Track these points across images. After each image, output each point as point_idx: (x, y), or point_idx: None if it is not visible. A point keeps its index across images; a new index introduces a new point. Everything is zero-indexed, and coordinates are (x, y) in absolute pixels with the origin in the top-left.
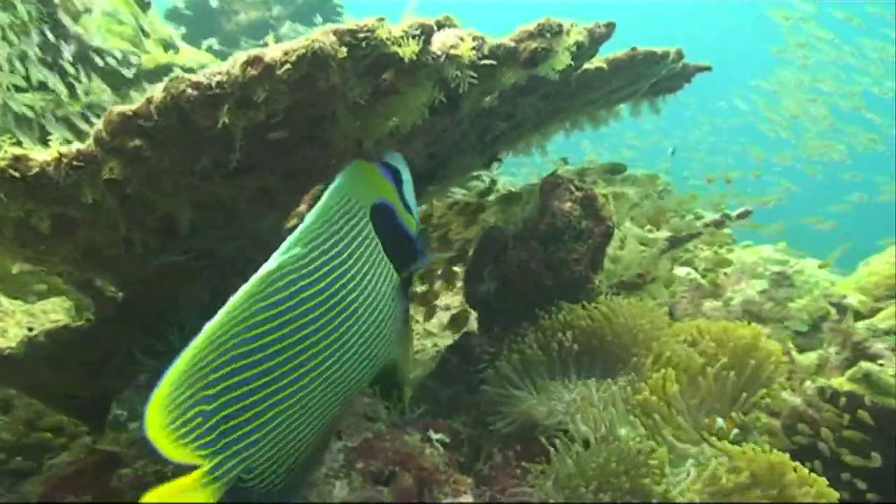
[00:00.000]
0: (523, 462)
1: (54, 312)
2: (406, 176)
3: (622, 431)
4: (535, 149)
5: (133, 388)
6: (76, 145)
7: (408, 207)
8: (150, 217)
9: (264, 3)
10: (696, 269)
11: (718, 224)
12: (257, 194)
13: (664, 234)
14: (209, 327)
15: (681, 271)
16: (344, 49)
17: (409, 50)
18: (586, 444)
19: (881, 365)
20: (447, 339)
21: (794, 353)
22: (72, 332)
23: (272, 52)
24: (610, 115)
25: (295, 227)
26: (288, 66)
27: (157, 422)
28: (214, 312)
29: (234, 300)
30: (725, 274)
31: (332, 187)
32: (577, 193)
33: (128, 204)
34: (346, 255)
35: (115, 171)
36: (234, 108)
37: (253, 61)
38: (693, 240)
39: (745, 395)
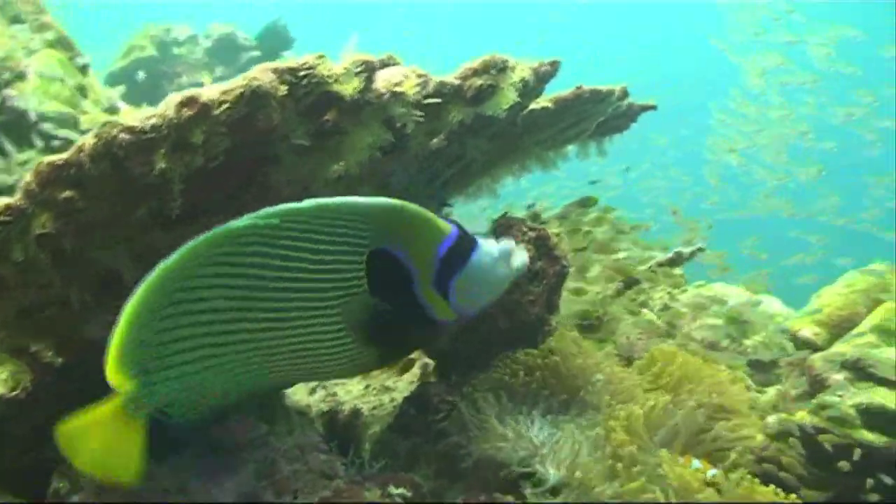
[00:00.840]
0: None
1: None
2: (471, 268)
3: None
4: (486, 193)
5: None
6: (3, 199)
7: (444, 290)
8: (86, 273)
9: (207, 65)
10: (650, 310)
11: (672, 262)
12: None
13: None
14: (173, 259)
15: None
16: (284, 87)
17: (350, 87)
18: (555, 491)
19: (840, 396)
20: (404, 392)
21: (753, 389)
22: (7, 405)
23: (209, 91)
24: (558, 157)
25: None
26: (226, 105)
27: (113, 345)
28: None
29: (196, 243)
30: (682, 313)
31: (372, 202)
32: (530, 234)
33: (62, 260)
34: (316, 256)
35: (46, 226)
36: (170, 152)
37: (188, 102)
38: (646, 280)
39: (711, 432)
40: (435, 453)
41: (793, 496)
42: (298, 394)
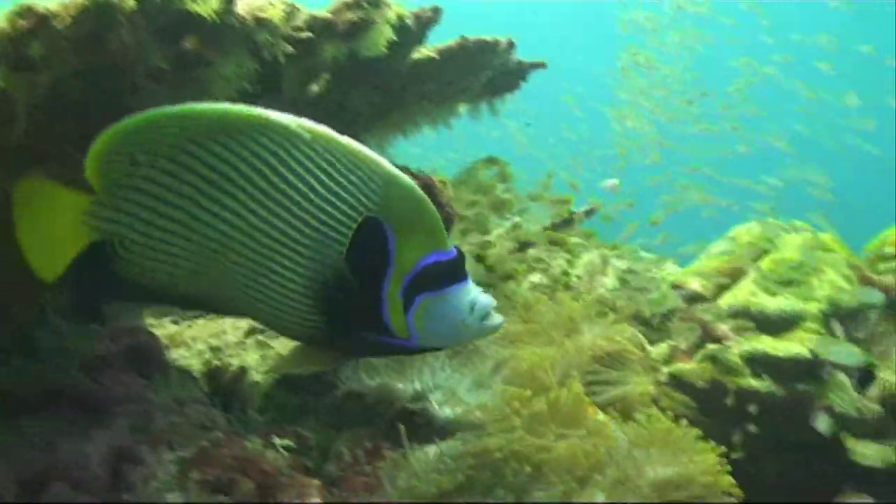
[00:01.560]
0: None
1: None
2: (444, 298)
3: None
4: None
5: None
6: None
7: (408, 301)
8: None
9: None
10: (548, 275)
11: (567, 222)
12: None
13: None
14: (203, 110)
15: (534, 278)
16: (132, 1)
17: (208, 8)
18: (446, 434)
19: (726, 346)
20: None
21: (646, 345)
22: None
23: (48, 2)
24: (449, 115)
25: None
26: (69, 18)
27: (107, 135)
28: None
29: (229, 112)
30: (578, 277)
31: (400, 174)
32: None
33: None
34: (321, 190)
35: None
36: (9, 70)
37: (24, 12)
38: (542, 239)
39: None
40: (323, 406)
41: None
42: (183, 353)
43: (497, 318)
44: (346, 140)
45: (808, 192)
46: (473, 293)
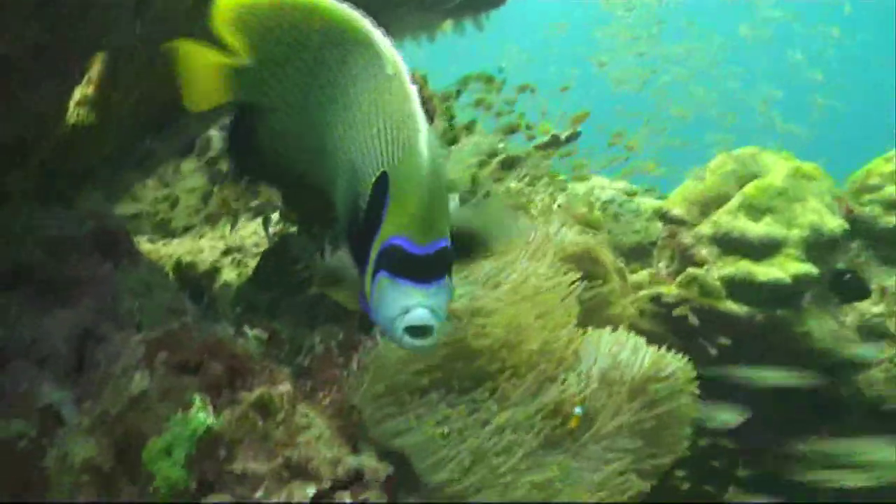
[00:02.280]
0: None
1: None
2: (396, 293)
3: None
4: None
5: None
6: None
7: (374, 272)
8: None
9: None
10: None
11: (549, 145)
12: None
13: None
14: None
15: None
16: None
17: None
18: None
19: (706, 270)
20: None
21: (626, 273)
22: None
23: None
24: (432, 30)
25: None
26: None
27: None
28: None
29: (346, 15)
30: (559, 206)
31: (422, 140)
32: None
33: None
34: (375, 124)
35: None
36: None
37: None
38: (523, 162)
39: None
40: (296, 304)
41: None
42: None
43: (419, 342)
44: (410, 91)
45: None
46: (414, 301)
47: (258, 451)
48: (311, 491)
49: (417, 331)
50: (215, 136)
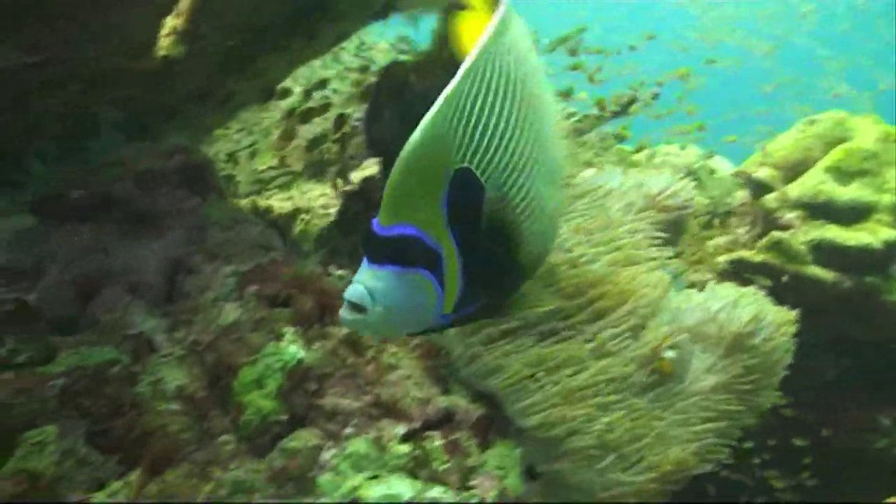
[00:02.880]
0: None
1: None
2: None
3: None
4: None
5: None
6: None
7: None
8: None
9: None
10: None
11: (624, 107)
12: None
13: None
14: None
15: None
16: None
17: None
18: None
19: (791, 234)
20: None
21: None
22: None
23: None
24: None
25: None
26: None
27: None
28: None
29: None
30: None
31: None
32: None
33: None
34: None
35: None
36: None
37: None
38: (600, 125)
39: None
40: None
41: None
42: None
43: (349, 316)
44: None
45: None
46: (358, 277)
47: (348, 387)
48: (400, 430)
49: (353, 306)
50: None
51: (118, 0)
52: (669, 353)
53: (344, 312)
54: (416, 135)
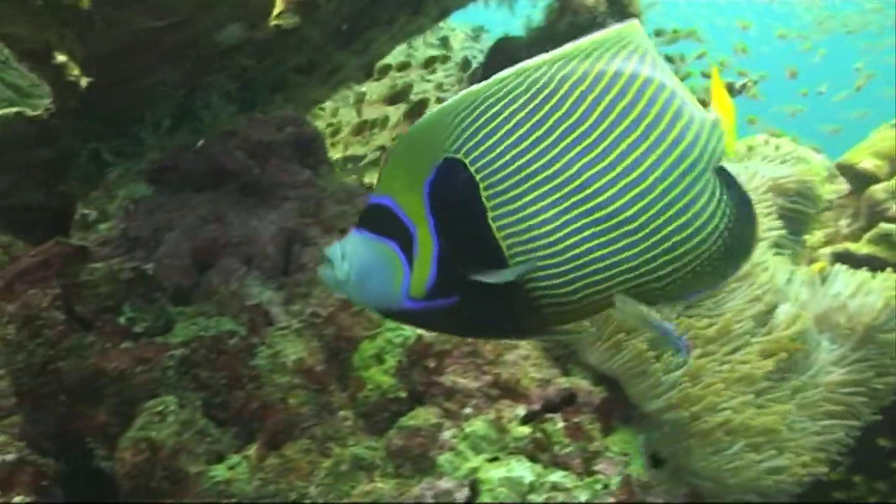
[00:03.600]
0: None
1: None
2: None
3: None
4: None
5: (102, 189)
6: None
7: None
8: None
9: None
10: None
11: (737, 92)
12: None
13: None
14: None
15: None
16: None
17: None
18: None
19: None
20: None
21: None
22: (28, 123)
23: None
24: None
25: None
26: None
27: None
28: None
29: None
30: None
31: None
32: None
33: None
34: None
35: None
36: None
37: None
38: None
39: None
40: None
41: None
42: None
43: (319, 268)
44: None
45: None
46: (344, 238)
47: (466, 366)
48: (520, 411)
49: (328, 263)
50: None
51: None
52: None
53: (320, 267)
54: (423, 117)
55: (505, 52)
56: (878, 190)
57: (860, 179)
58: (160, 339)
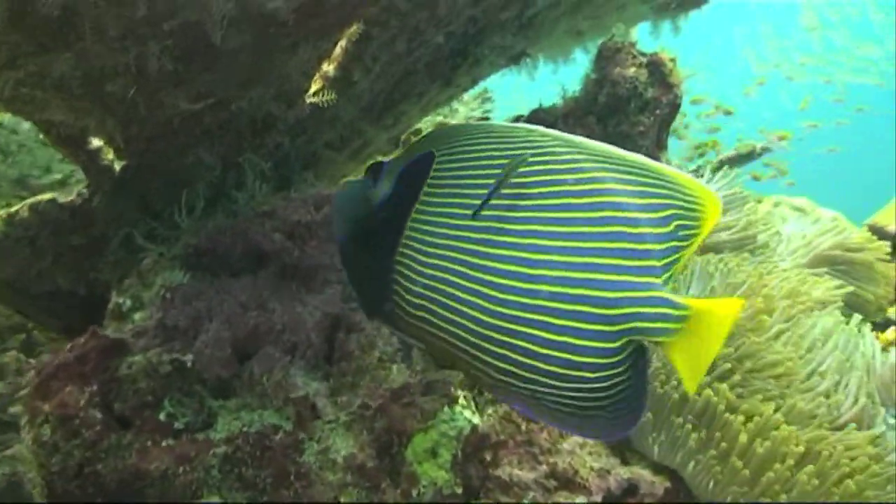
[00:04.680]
0: None
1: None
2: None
3: None
4: (560, 57)
5: (135, 275)
6: None
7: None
8: (169, 22)
9: None
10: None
11: (744, 157)
12: (303, 8)
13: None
14: None
15: None
16: None
17: None
18: None
19: None
20: None
21: None
22: (60, 209)
23: None
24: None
25: None
26: None
27: None
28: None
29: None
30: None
31: None
32: (642, 58)
33: None
34: None
35: None
36: None
37: None
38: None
39: None
40: None
41: None
42: None
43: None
44: None
45: None
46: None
47: (522, 456)
48: (580, 502)
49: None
50: None
51: (282, 46)
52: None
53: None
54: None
55: (542, 123)
56: None
57: (890, 242)
58: (201, 434)
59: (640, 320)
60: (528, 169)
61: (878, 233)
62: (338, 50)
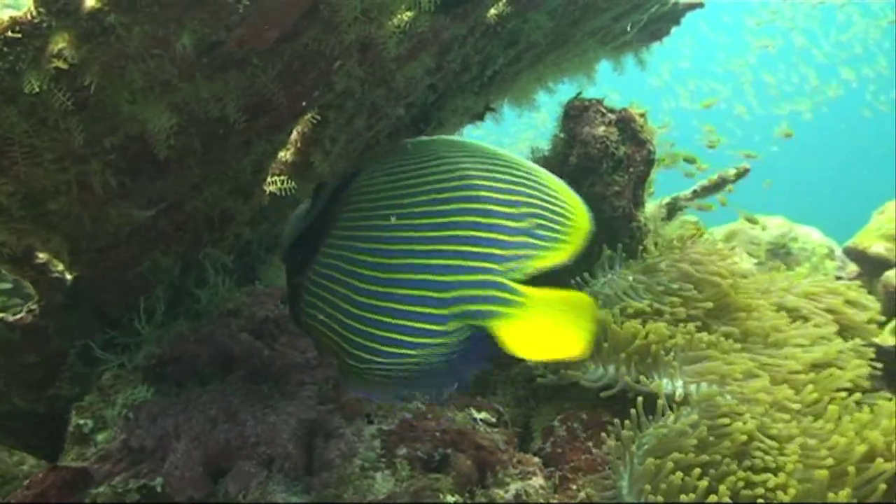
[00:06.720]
0: (599, 431)
1: None
2: None
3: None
4: (524, 104)
5: (96, 391)
6: (8, 11)
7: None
8: (110, 139)
9: None
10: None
11: (717, 186)
12: (251, 105)
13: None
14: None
15: None
16: None
17: None
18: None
19: None
20: None
21: None
22: (10, 329)
23: None
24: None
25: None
26: None
27: None
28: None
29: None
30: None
31: None
32: (611, 115)
33: (84, 112)
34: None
35: (65, 51)
36: None
37: None
38: (689, 204)
39: None
40: (509, 379)
41: None
42: None
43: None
44: None
45: None
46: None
47: None
48: None
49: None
50: None
51: (234, 145)
52: None
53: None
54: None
55: None
56: (893, 276)
57: (871, 264)
58: None
59: (470, 303)
60: (408, 171)
61: (857, 257)
62: (294, 135)
